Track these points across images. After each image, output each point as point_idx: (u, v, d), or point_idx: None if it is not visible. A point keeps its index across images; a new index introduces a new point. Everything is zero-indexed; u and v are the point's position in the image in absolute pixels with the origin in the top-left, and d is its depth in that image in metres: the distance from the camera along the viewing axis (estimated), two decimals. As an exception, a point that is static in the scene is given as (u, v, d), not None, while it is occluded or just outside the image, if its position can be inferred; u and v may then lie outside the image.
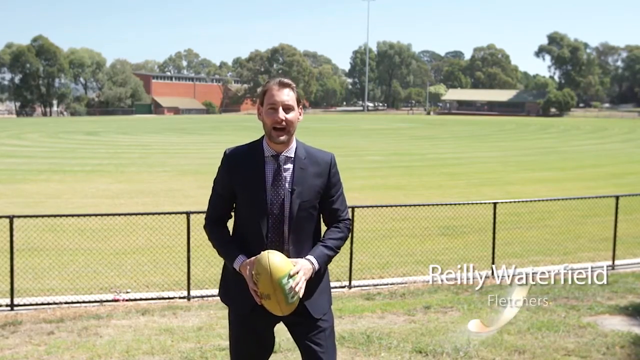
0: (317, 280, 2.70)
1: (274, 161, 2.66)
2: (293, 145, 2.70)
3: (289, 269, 2.50)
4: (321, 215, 2.79)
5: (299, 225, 2.65)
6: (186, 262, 7.24)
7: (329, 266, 2.85)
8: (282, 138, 2.62)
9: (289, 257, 2.60)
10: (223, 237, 2.74)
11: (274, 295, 2.49)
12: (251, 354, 2.78)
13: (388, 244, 9.78)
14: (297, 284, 2.51)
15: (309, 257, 2.61)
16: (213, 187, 2.81)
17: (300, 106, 2.71)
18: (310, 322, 2.70)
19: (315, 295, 2.70)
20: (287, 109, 2.62)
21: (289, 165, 2.67)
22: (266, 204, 2.63)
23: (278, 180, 2.64)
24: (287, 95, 2.63)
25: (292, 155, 2.68)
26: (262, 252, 2.54)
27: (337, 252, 2.74)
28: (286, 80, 2.65)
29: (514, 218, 10.85)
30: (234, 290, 2.74)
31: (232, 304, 2.78)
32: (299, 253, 2.64)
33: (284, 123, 2.61)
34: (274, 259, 2.50)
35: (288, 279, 2.49)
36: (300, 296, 2.55)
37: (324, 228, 2.83)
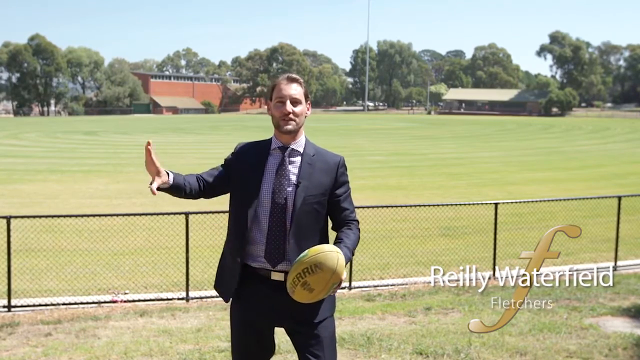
0: None
1: (280, 153, 2.72)
2: (302, 140, 2.76)
3: (343, 275, 2.50)
4: (329, 217, 2.78)
5: (302, 219, 2.65)
6: (185, 263, 7.19)
7: None
8: (289, 127, 2.69)
9: (288, 250, 2.61)
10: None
11: (319, 292, 2.48)
12: (252, 355, 2.78)
13: (388, 245, 9.73)
14: (338, 289, 2.55)
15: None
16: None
17: (309, 101, 2.80)
18: (309, 330, 2.68)
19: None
20: (295, 102, 2.71)
21: (297, 159, 2.72)
22: (259, 192, 2.66)
23: (282, 171, 2.69)
24: (295, 90, 2.72)
25: (301, 150, 2.74)
26: (331, 248, 2.51)
27: (353, 255, 2.75)
28: (294, 76, 2.77)
29: (515, 219, 10.80)
30: (228, 280, 2.77)
31: (224, 291, 2.80)
32: (299, 248, 2.60)
33: (291, 115, 2.68)
34: (342, 263, 2.48)
35: (338, 285, 2.51)
36: None
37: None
